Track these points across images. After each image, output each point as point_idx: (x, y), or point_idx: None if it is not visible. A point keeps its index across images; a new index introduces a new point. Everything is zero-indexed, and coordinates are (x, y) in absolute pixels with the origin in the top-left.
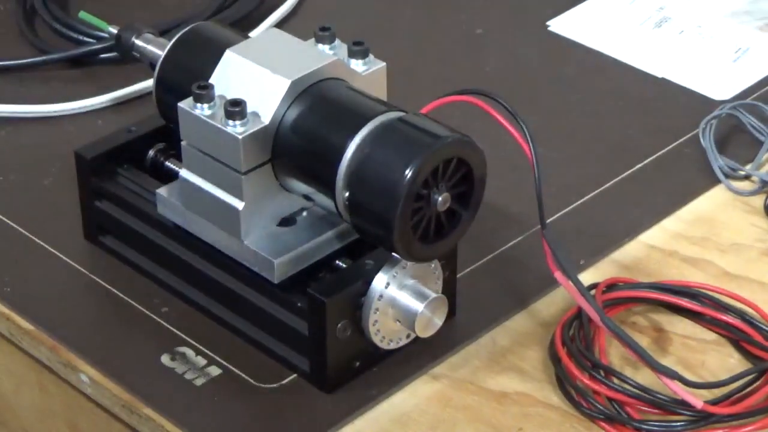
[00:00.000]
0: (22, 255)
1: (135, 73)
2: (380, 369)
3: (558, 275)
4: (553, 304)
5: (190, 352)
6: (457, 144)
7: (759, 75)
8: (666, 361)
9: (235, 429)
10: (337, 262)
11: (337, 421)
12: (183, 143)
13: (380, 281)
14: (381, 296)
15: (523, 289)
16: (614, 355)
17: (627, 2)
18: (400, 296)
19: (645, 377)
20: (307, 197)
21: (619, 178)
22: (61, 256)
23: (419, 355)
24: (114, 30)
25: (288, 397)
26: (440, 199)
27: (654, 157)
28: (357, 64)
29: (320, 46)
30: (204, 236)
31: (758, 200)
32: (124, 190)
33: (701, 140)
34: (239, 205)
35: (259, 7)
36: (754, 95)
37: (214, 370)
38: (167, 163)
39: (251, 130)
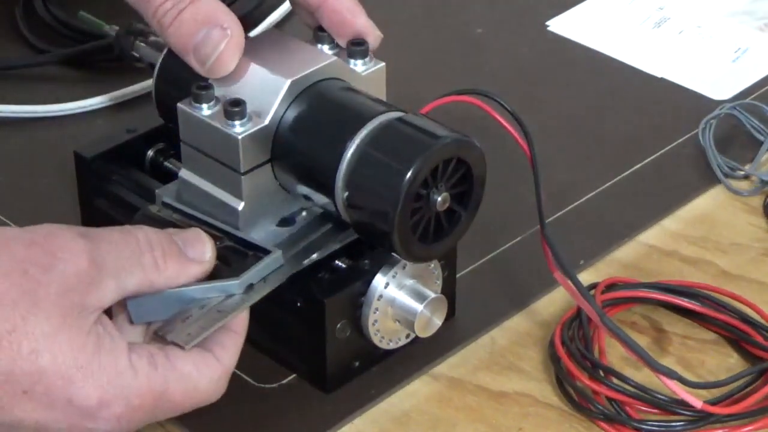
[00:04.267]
0: None
1: (135, 73)
2: (380, 369)
3: (558, 275)
4: (553, 304)
5: None
6: (456, 144)
7: (758, 75)
8: (665, 361)
9: (234, 429)
10: (336, 262)
11: (336, 421)
12: (182, 143)
13: (379, 281)
14: (380, 296)
15: (523, 289)
16: (614, 355)
17: (626, 2)
18: (399, 296)
19: (644, 377)
20: (306, 197)
21: (619, 178)
22: None
23: (419, 355)
24: (113, 30)
25: (288, 397)
26: (439, 199)
27: (653, 157)
28: (357, 64)
29: (320, 46)
30: None
31: (758, 200)
32: (123, 189)
33: (701, 140)
34: (239, 205)
35: (259, 7)
36: (754, 95)
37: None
38: (167, 163)
39: (251, 130)
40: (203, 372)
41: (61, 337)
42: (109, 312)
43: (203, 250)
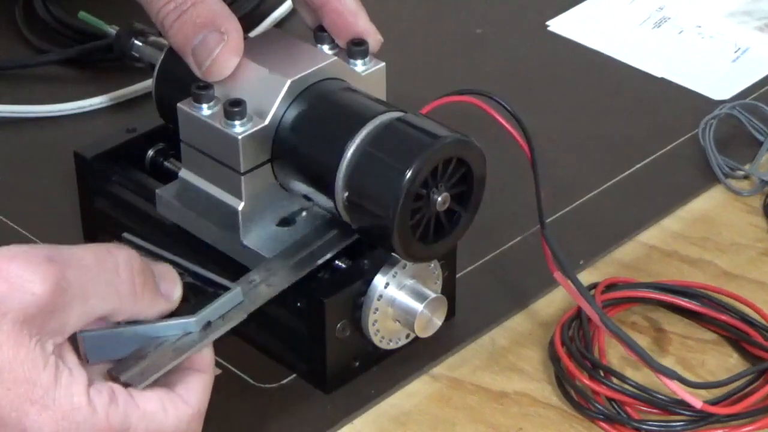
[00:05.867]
0: None
1: (135, 73)
2: (379, 369)
3: (558, 275)
4: (553, 304)
5: None
6: (456, 144)
7: (758, 75)
8: (665, 361)
9: (234, 429)
10: (336, 262)
11: (336, 421)
12: (182, 143)
13: (379, 281)
14: (380, 296)
15: (523, 289)
16: (614, 355)
17: (626, 2)
18: (399, 296)
19: (644, 377)
20: (306, 197)
21: (619, 178)
22: None
23: (418, 355)
24: (113, 30)
25: (288, 397)
26: (439, 199)
27: (654, 157)
28: (356, 64)
29: (320, 46)
30: (203, 236)
31: (757, 200)
32: (123, 190)
33: (701, 140)
34: (239, 205)
35: (259, 6)
36: (754, 95)
37: (214, 370)
38: (167, 163)
39: (251, 130)
40: (170, 412)
41: (15, 369)
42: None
43: (174, 287)
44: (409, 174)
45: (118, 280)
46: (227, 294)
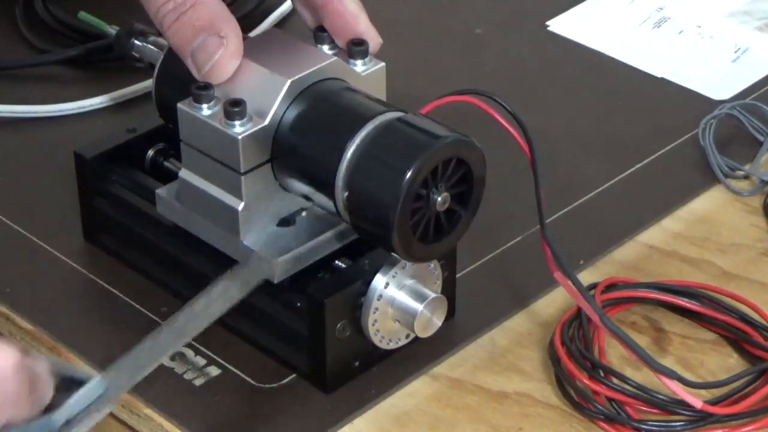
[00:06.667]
0: (22, 255)
1: (135, 73)
2: (379, 369)
3: (557, 275)
4: (553, 304)
5: (189, 352)
6: (456, 144)
7: (758, 75)
8: (665, 361)
9: (234, 429)
10: (336, 262)
11: (336, 421)
12: (182, 143)
13: (379, 281)
14: (380, 296)
15: (523, 289)
16: (614, 355)
17: (626, 2)
18: (399, 296)
19: (644, 377)
20: (306, 197)
21: (619, 178)
22: (60, 256)
23: (418, 355)
24: (113, 30)
25: (287, 397)
26: (439, 199)
27: (653, 157)
28: (356, 64)
29: (320, 46)
30: (203, 236)
31: (757, 200)
32: (123, 190)
33: (701, 140)
34: (239, 205)
35: (259, 6)
36: (754, 95)
37: (214, 370)
38: (167, 163)
39: (251, 131)
40: None
41: None
42: None
43: (46, 388)
44: (409, 174)
45: (5, 387)
46: (86, 386)
